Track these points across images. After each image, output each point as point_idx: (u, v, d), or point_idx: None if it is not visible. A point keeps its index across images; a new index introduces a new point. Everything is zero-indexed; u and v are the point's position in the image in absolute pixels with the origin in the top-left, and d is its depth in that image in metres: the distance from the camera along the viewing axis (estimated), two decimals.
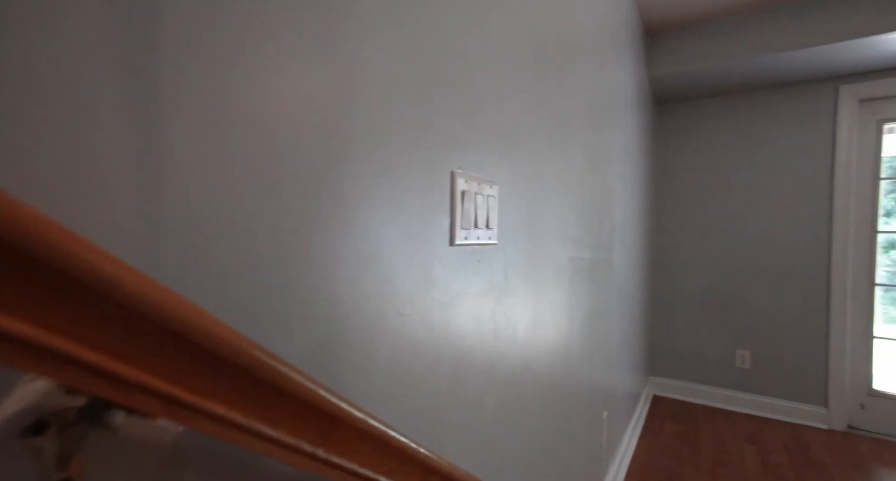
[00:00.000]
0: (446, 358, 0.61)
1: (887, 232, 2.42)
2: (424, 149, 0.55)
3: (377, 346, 0.48)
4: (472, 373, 0.68)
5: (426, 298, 0.56)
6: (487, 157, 0.71)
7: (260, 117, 0.35)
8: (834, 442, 2.31)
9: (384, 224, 0.49)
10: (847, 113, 2.41)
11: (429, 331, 0.57)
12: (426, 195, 0.56)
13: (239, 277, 0.34)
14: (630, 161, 2.06)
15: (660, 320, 2.95)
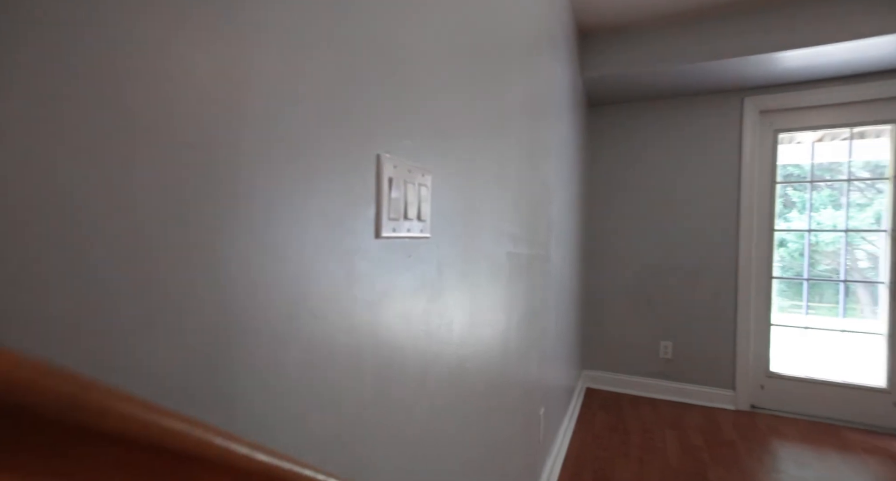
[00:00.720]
0: (371, 363, 0.54)
1: (781, 230, 2.70)
2: (345, 125, 0.48)
3: (285, 356, 0.41)
4: (403, 378, 0.62)
5: (347, 297, 0.49)
6: (419, 144, 0.66)
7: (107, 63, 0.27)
8: (740, 421, 2.53)
9: (293, 210, 0.41)
10: (750, 122, 2.66)
11: (351, 334, 0.50)
12: (347, 179, 0.49)
13: (65, 277, 0.25)
14: (566, 159, 2.11)
15: (593, 315, 3.07)
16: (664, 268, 2.87)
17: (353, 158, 0.50)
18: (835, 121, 2.55)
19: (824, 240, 2.63)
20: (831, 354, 2.62)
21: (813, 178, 2.64)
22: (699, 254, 2.79)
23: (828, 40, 2.07)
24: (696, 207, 2.80)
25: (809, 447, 2.23)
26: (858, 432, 2.43)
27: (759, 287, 2.71)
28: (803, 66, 2.33)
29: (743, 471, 1.98)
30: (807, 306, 2.67)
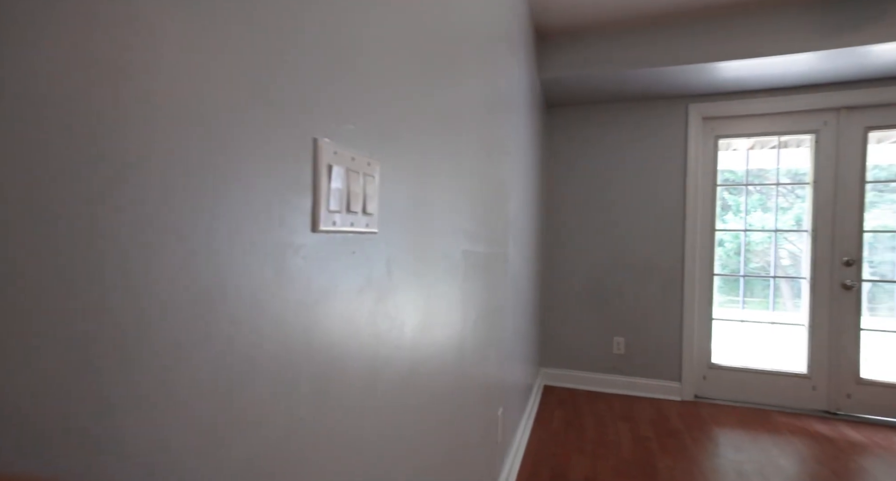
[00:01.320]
0: (307, 374, 0.48)
1: (722, 230, 2.85)
2: (275, 104, 0.42)
3: (188, 373, 0.34)
4: (346, 388, 0.56)
5: (277, 299, 0.43)
6: (366, 130, 0.60)
7: None
8: (685, 411, 2.65)
9: (201, 194, 0.35)
10: (694, 128, 2.79)
11: (280, 341, 0.44)
12: (276, 163, 0.43)
13: None
14: (524, 158, 2.11)
15: (550, 313, 3.11)
16: (617, 266, 2.96)
17: (283, 141, 0.44)
18: (766, 130, 2.72)
19: (755, 240, 2.81)
20: (763, 345, 2.80)
21: (747, 183, 2.81)
22: (649, 252, 2.90)
23: (760, 54, 2.20)
24: (646, 208, 2.91)
25: (745, 432, 2.37)
26: (785, 415, 2.61)
27: (703, 284, 2.85)
28: (740, 77, 2.47)
29: (688, 459, 2.06)
30: (743, 301, 2.84)
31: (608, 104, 2.97)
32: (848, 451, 2.18)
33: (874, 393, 2.57)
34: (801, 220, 2.72)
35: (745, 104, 2.70)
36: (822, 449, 2.20)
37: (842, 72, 2.38)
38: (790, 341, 2.74)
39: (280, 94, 0.43)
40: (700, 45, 2.29)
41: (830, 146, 2.62)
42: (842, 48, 2.11)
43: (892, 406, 2.54)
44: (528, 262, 2.37)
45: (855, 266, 2.58)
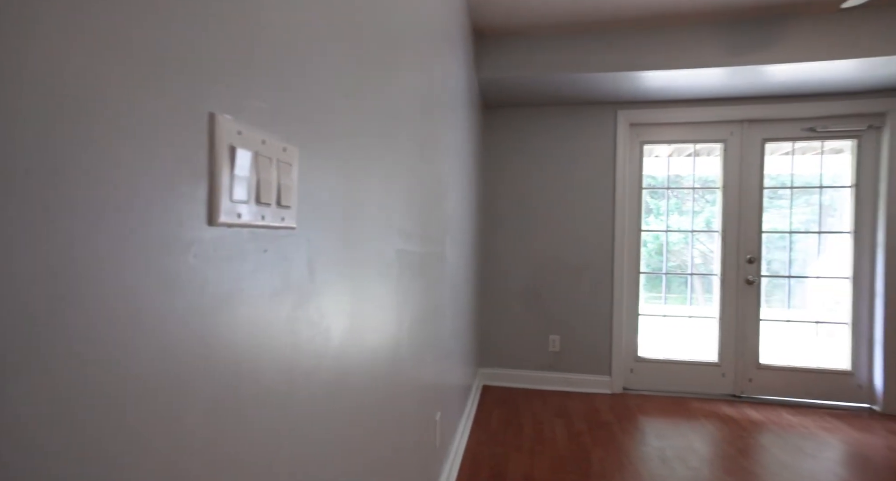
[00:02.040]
0: (203, 395, 0.40)
1: (647, 230, 3.04)
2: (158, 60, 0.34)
3: (23, 403, 0.26)
4: (255, 408, 0.49)
5: (160, 306, 0.35)
6: (282, 111, 0.53)
7: None
8: (615, 403, 2.79)
9: (52, 173, 0.27)
10: (622, 133, 2.95)
11: (163, 359, 0.36)
12: (157, 140, 0.35)
13: None
14: (462, 157, 2.09)
15: (488, 313, 3.13)
16: (552, 266, 3.05)
17: (167, 113, 0.36)
18: (684, 138, 2.95)
19: (672, 240, 3.02)
20: (682, 337, 3.03)
21: (668, 186, 3.03)
22: (582, 252, 3.02)
23: (679, 66, 2.37)
24: (579, 209, 3.03)
25: (666, 419, 2.53)
26: (700, 401, 2.83)
27: (630, 281, 3.02)
28: (663, 87, 2.65)
29: (618, 449, 2.15)
30: (665, 297, 3.05)
31: (544, 107, 3.06)
32: (750, 430, 2.41)
33: (771, 377, 2.86)
34: (710, 223, 2.97)
35: (666, 113, 2.90)
36: (729, 430, 2.40)
37: (744, 87, 2.64)
38: (704, 333, 2.98)
39: (164, 50, 0.35)
40: (628, 54, 2.42)
41: (736, 155, 2.89)
42: (744, 66, 2.33)
43: (784, 387, 2.85)
44: (465, 263, 2.36)
45: (756, 263, 2.87)
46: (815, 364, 2.85)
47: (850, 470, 2.01)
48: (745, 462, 2.06)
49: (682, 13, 2.28)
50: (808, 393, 2.83)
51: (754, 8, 2.22)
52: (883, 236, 2.70)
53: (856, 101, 2.71)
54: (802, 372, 2.83)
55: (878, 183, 2.74)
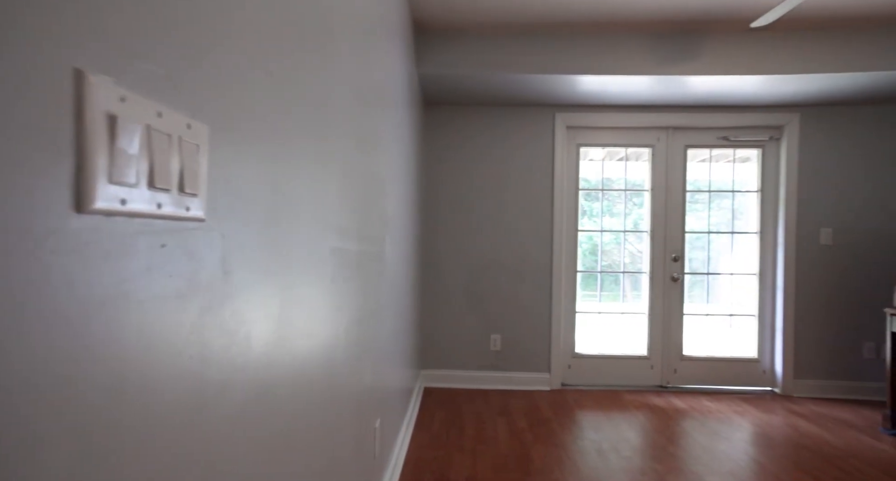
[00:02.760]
0: (68, 427, 0.32)
1: (584, 231, 3.17)
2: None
3: None
4: (149, 436, 0.40)
5: (12, 318, 0.27)
6: (187, 78, 0.45)
7: None
8: (553, 399, 2.86)
9: None
10: (560, 135, 3.04)
11: (9, 383, 0.27)
12: None
13: None
14: (402, 153, 2.03)
15: (430, 314, 3.10)
16: (494, 265, 3.08)
17: (14, 66, 0.27)
18: (617, 142, 3.10)
19: (605, 240, 3.17)
20: (615, 333, 3.18)
21: (603, 189, 3.17)
22: (522, 252, 3.07)
23: (613, 72, 2.48)
24: (520, 210, 3.08)
25: (602, 412, 2.64)
26: (632, 393, 2.99)
27: (568, 280, 3.13)
28: (598, 91, 2.76)
29: (558, 445, 2.20)
30: (600, 294, 3.19)
31: (485, 107, 3.08)
32: (675, 418, 2.58)
33: (692, 367, 3.09)
34: (638, 224, 3.15)
35: (601, 117, 3.04)
36: (657, 419, 2.55)
37: (670, 96, 2.83)
38: (635, 328, 3.15)
39: None
40: (565, 58, 2.50)
41: (662, 159, 3.09)
42: (670, 76, 2.49)
43: (704, 376, 3.09)
44: (406, 262, 2.30)
45: (680, 261, 3.08)
46: (728, 353, 3.11)
47: (757, 447, 2.21)
48: (672, 448, 2.19)
49: (616, 22, 2.39)
50: (723, 381, 3.08)
51: (677, 22, 2.38)
52: (783, 236, 3.01)
53: (761, 114, 3.00)
54: (718, 362, 3.09)
55: (778, 188, 3.06)
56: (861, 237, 2.98)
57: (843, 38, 2.43)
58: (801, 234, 3.00)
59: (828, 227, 2.99)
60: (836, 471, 2.01)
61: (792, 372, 2.99)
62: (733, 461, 2.07)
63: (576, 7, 2.24)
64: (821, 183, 3.00)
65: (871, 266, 2.98)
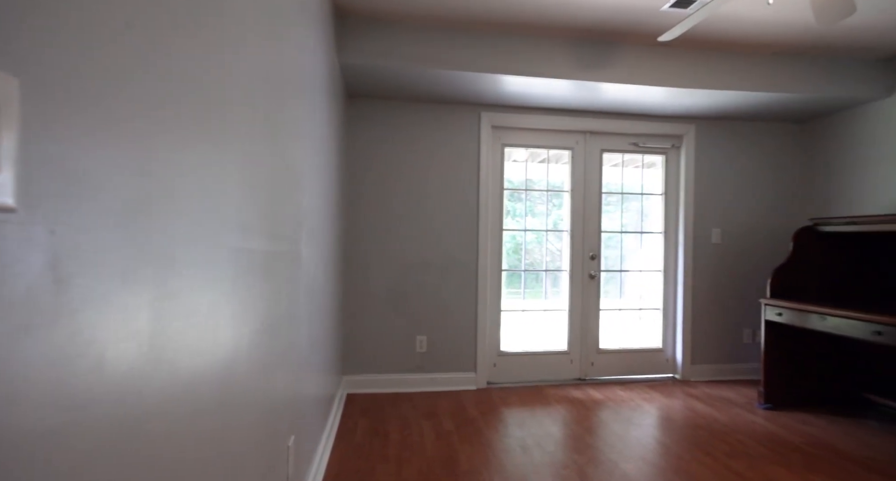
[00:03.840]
0: None
1: (509, 230, 3.22)
2: None
3: None
4: None
5: None
6: None
7: None
8: (479, 398, 2.87)
9: None
10: (485, 135, 3.06)
11: None
12: None
13: None
14: (322, 147, 1.89)
15: (353, 317, 2.95)
16: (419, 265, 3.01)
17: None
18: (539, 143, 3.20)
19: (528, 240, 3.26)
20: (538, 330, 3.28)
21: (526, 189, 3.25)
22: (449, 251, 3.04)
23: (536, 74, 2.53)
24: (446, 208, 3.04)
25: (526, 408, 2.70)
26: (553, 387, 3.10)
27: (493, 279, 3.16)
28: (522, 93, 2.81)
29: (484, 444, 2.19)
30: (524, 292, 3.26)
31: (411, 102, 3.00)
32: (593, 409, 2.71)
33: (608, 359, 3.28)
34: (557, 224, 3.27)
35: (525, 118, 3.10)
36: (577, 412, 2.66)
37: (588, 102, 2.97)
38: (556, 324, 3.27)
39: None
40: (492, 57, 2.50)
41: (581, 162, 3.24)
42: (587, 81, 2.60)
43: (617, 367, 3.29)
44: (326, 263, 2.15)
45: (596, 259, 3.26)
46: (638, 345, 3.36)
47: (663, 431, 2.39)
48: (590, 438, 2.29)
49: (540, 25, 2.44)
50: (634, 370, 3.32)
51: (595, 31, 2.50)
52: (682, 236, 3.31)
53: (665, 123, 3.27)
54: (630, 353, 3.31)
55: (679, 192, 3.36)
56: (743, 236, 3.37)
57: (736, 60, 2.72)
58: (696, 234, 3.32)
59: (717, 228, 3.34)
60: (723, 445, 2.23)
61: (689, 359, 3.30)
62: (643, 446, 2.21)
63: (501, 6, 2.24)
64: (712, 188, 3.34)
65: (750, 262, 3.38)
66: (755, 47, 2.67)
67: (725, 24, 2.39)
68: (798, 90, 2.77)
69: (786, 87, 2.76)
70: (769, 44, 2.62)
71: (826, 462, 2.09)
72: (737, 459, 2.09)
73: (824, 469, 2.03)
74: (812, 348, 2.84)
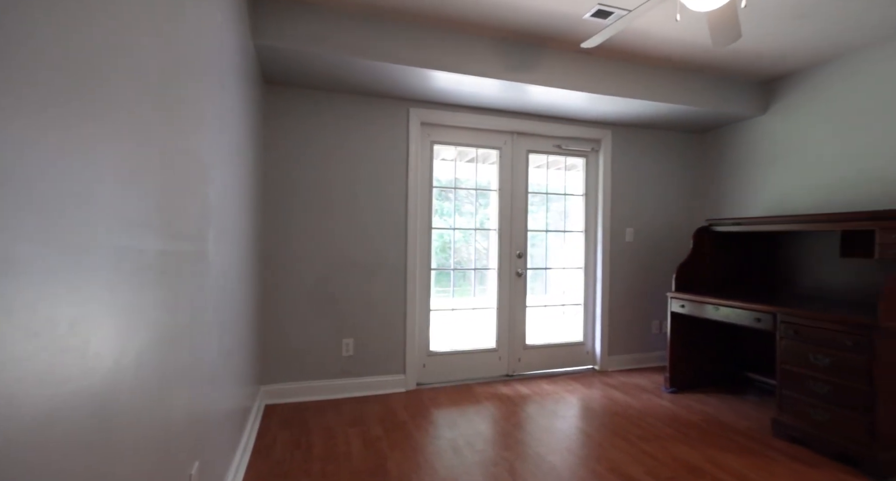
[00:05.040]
0: None
1: (438, 228, 3.19)
2: None
3: None
4: None
5: None
6: None
7: None
8: (409, 400, 2.80)
9: None
10: (414, 131, 2.99)
11: None
12: None
13: None
14: (233, 135, 1.69)
15: (273, 322, 2.72)
16: (345, 265, 2.86)
17: None
18: (468, 142, 3.20)
19: (457, 238, 3.26)
20: (467, 328, 3.29)
21: (455, 187, 3.24)
22: (377, 249, 2.93)
23: (465, 71, 2.51)
24: (374, 206, 2.93)
25: (456, 408, 2.68)
26: (482, 385, 3.13)
27: (422, 278, 3.10)
28: (451, 90, 2.78)
29: (414, 449, 2.13)
30: (453, 291, 3.25)
31: (337, 94, 2.84)
32: (521, 404, 2.77)
33: (534, 354, 3.39)
34: (484, 223, 3.31)
35: (454, 116, 3.09)
36: (506, 408, 2.70)
37: (515, 103, 3.02)
38: (484, 322, 3.30)
39: None
40: (421, 50, 2.44)
41: (508, 161, 3.30)
42: (515, 82, 2.64)
43: (543, 361, 3.41)
44: (242, 264, 1.95)
45: (523, 257, 3.34)
46: (562, 339, 3.50)
47: (585, 420, 2.51)
48: (518, 434, 2.33)
49: (470, 22, 2.43)
50: (558, 364, 3.46)
51: (521, 33, 2.54)
52: (601, 235, 3.51)
53: (586, 128, 3.45)
54: (554, 347, 3.45)
55: (598, 193, 3.56)
56: (653, 235, 3.67)
57: (647, 72, 2.93)
58: (613, 233, 3.54)
59: (630, 227, 3.60)
60: (637, 430, 2.39)
61: (607, 351, 3.52)
62: (568, 437, 2.30)
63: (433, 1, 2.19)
64: (626, 189, 3.59)
65: (659, 258, 3.69)
66: (663, 62, 2.90)
67: (640, 37, 2.57)
68: (696, 104, 3.06)
69: (686, 101, 3.04)
70: (675, 60, 2.86)
71: (717, 435, 2.33)
72: (649, 442, 2.25)
73: (716, 441, 2.25)
74: (709, 335, 3.16)
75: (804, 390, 2.21)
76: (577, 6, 2.24)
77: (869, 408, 1.95)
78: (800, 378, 2.22)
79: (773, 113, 3.21)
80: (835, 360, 2.08)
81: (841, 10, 2.26)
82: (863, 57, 2.68)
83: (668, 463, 2.04)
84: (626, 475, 1.92)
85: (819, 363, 2.14)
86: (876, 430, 1.93)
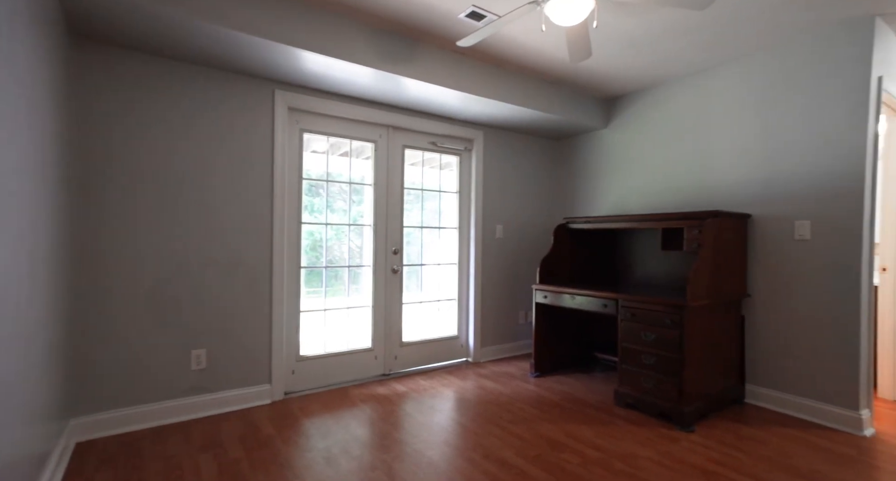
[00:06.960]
0: None
1: (309, 223, 2.94)
2: None
3: None
4: None
5: None
6: None
7: None
8: (275, 412, 2.53)
9: None
10: (280, 116, 2.71)
11: None
12: None
13: None
14: (17, 101, 1.28)
15: (92, 334, 2.19)
16: (196, 264, 2.45)
17: None
18: (342, 133, 3.02)
19: (329, 235, 3.07)
20: (342, 329, 3.11)
21: (328, 180, 3.03)
22: (234, 248, 2.57)
23: (335, 55, 2.35)
24: (232, 197, 2.56)
25: (330, 414, 2.50)
26: (358, 386, 2.99)
27: (291, 277, 2.83)
28: (322, 75, 2.58)
29: (282, 466, 1.91)
30: (325, 291, 3.04)
31: (189, 65, 2.41)
32: (397, 403, 2.71)
33: (410, 351, 3.36)
34: (358, 219, 3.18)
35: (326, 104, 2.88)
36: (383, 408, 2.61)
37: (390, 95, 2.95)
38: (360, 321, 3.16)
39: None
40: (289, 27, 2.20)
41: (384, 156, 3.21)
42: (390, 73, 2.57)
43: (419, 358, 3.41)
44: (35, 268, 1.51)
45: (399, 254, 3.29)
46: (437, 334, 3.55)
47: (460, 412, 2.56)
48: (396, 433, 2.26)
49: (346, 4, 2.27)
50: (434, 359, 3.49)
51: (398, 23, 2.48)
52: (474, 231, 3.66)
53: (460, 127, 3.55)
54: (430, 343, 3.47)
55: (471, 191, 3.70)
56: (520, 231, 3.96)
57: (515, 78, 3.12)
58: (485, 230, 3.72)
59: (500, 224, 3.82)
60: (508, 415, 2.53)
61: (480, 343, 3.68)
62: (445, 430, 2.31)
63: None
64: (496, 188, 3.80)
65: (525, 253, 3.99)
66: (530, 71, 3.13)
67: (512, 45, 2.71)
68: (553, 112, 3.38)
69: (546, 108, 3.33)
70: (539, 70, 3.11)
71: (574, 411, 2.59)
72: (518, 424, 2.39)
73: (573, 417, 2.50)
74: (567, 322, 3.52)
75: (638, 363, 2.58)
76: (454, 4, 2.26)
77: (678, 373, 2.37)
78: (635, 353, 2.60)
79: (612, 127, 3.71)
80: (658, 336, 2.47)
81: (660, 48, 2.70)
82: (672, 88, 3.26)
83: (534, 441, 2.18)
84: (499, 459, 2.00)
85: (648, 339, 2.52)
86: (683, 389, 2.35)
